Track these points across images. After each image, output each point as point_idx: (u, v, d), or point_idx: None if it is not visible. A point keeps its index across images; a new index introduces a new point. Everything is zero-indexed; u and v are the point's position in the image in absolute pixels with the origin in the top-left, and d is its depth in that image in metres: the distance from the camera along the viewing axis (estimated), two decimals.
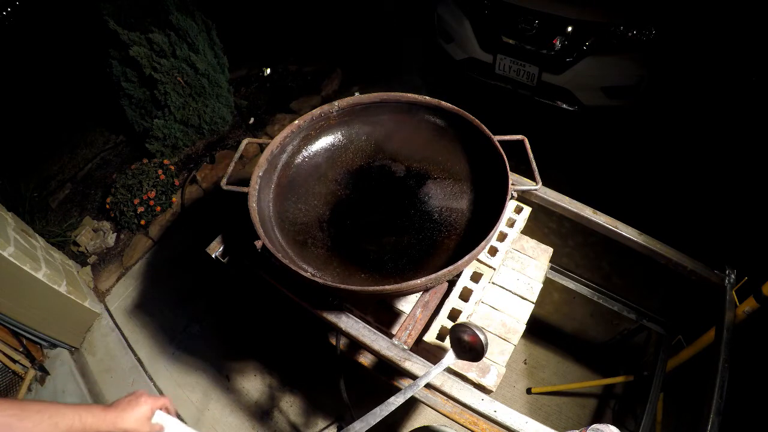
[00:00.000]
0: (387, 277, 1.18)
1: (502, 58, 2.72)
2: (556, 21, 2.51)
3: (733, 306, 1.28)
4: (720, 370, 1.14)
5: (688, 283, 1.40)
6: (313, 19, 3.92)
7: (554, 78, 2.63)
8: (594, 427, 0.89)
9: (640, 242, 1.38)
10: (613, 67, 2.53)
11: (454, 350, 1.02)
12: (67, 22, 3.55)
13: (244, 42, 3.57)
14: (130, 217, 2.64)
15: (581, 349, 2.13)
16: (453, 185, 1.36)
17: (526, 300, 1.27)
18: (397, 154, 1.46)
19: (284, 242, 1.24)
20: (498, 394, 1.97)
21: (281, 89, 3.46)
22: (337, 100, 1.41)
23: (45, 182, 3.06)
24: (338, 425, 1.92)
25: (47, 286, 2.02)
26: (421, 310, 1.20)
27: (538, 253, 1.39)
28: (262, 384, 2.07)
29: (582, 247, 2.44)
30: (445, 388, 1.04)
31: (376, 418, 0.86)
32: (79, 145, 3.32)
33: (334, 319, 1.16)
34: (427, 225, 1.28)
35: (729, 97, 2.74)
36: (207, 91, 2.84)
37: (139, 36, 2.52)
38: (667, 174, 2.73)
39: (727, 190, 2.59)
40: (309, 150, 1.44)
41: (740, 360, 1.20)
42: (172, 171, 2.81)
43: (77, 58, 3.45)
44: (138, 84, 2.74)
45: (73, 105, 3.52)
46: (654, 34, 2.45)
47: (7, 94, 3.42)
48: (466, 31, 2.82)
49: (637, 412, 1.85)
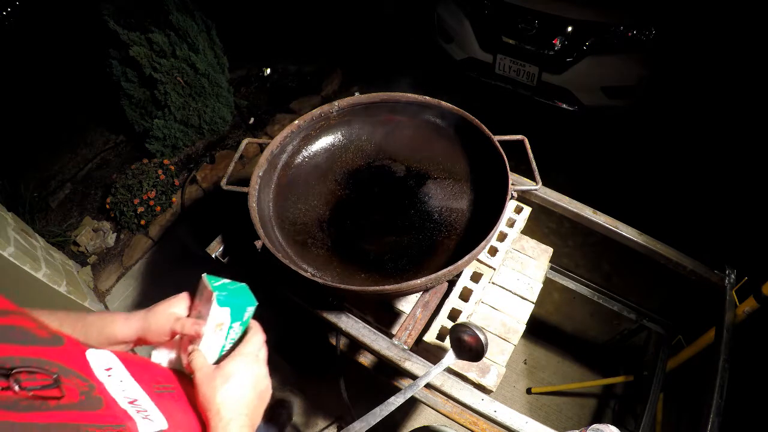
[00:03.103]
0: (387, 277, 1.18)
1: (502, 58, 2.72)
2: (556, 21, 2.51)
3: (733, 306, 1.28)
4: (720, 370, 1.14)
5: (688, 283, 1.40)
6: (314, 19, 3.92)
7: (554, 78, 2.63)
8: (594, 427, 0.89)
9: (640, 242, 1.38)
10: (613, 67, 2.53)
11: (454, 350, 1.02)
12: (67, 22, 3.55)
13: (244, 42, 3.56)
14: (130, 217, 2.64)
15: (581, 349, 2.13)
16: (453, 185, 1.36)
17: (526, 300, 1.27)
18: (397, 154, 1.46)
19: (284, 242, 1.24)
20: (498, 394, 1.97)
21: (281, 89, 3.46)
22: (337, 100, 1.41)
23: (45, 182, 3.06)
24: (338, 425, 1.92)
25: (47, 286, 2.02)
26: (421, 310, 1.20)
27: (538, 253, 1.39)
28: None
29: (582, 247, 2.44)
30: (445, 388, 1.04)
31: (376, 418, 0.86)
32: (79, 145, 3.32)
33: (334, 319, 1.16)
34: (427, 225, 1.28)
35: (729, 96, 2.74)
36: (207, 91, 2.84)
37: (139, 36, 2.51)
38: (667, 174, 2.73)
39: (727, 190, 2.59)
40: (309, 150, 1.44)
41: (740, 360, 1.20)
42: (172, 171, 2.81)
43: (77, 58, 3.45)
44: (138, 84, 2.74)
45: (73, 105, 3.51)
46: (654, 34, 2.45)
47: (8, 94, 3.42)
48: (466, 31, 2.82)
49: (637, 412, 1.85)
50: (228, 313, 0.64)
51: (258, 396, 0.62)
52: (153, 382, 0.59)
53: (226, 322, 0.65)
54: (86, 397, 0.46)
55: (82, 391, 0.46)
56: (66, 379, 0.45)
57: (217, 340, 0.65)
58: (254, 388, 0.62)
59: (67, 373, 0.46)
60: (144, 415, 0.51)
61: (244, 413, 0.59)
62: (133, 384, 0.55)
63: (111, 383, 0.52)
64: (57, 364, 0.46)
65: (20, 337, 0.45)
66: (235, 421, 0.57)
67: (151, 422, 0.51)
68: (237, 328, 0.67)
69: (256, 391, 0.62)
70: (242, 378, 0.61)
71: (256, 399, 0.62)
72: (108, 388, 0.51)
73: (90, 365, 0.52)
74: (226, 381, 0.60)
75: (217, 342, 0.66)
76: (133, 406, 0.51)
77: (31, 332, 0.47)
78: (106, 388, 0.51)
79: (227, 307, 0.64)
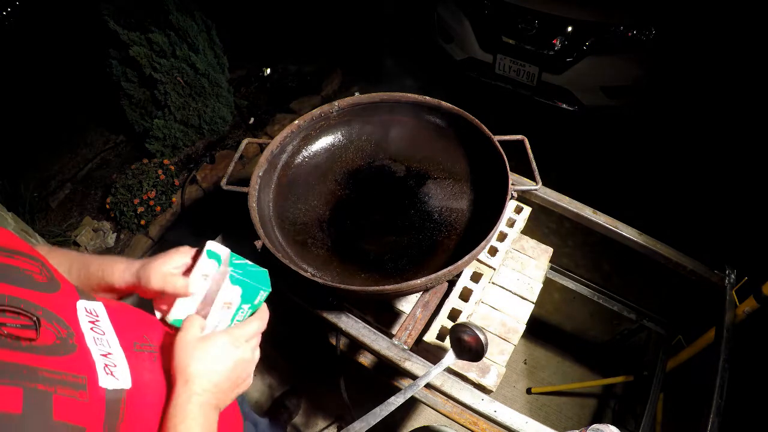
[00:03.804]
0: (387, 277, 1.18)
1: (502, 58, 2.72)
2: (556, 21, 2.51)
3: (733, 306, 1.27)
4: (720, 370, 1.14)
5: (688, 283, 1.40)
6: (314, 19, 3.91)
7: (554, 78, 2.63)
8: (594, 427, 0.89)
9: (640, 242, 1.38)
10: (613, 67, 2.53)
11: (454, 350, 1.02)
12: (67, 22, 3.55)
13: (244, 42, 3.56)
14: (130, 217, 2.64)
15: (581, 349, 2.13)
16: (453, 185, 1.36)
17: (526, 300, 1.27)
18: (397, 154, 1.46)
19: (284, 242, 1.24)
20: (498, 394, 1.97)
21: (281, 89, 3.46)
22: (337, 100, 1.41)
23: (45, 182, 3.06)
24: (338, 425, 1.92)
25: None
26: (421, 310, 1.20)
27: (538, 253, 1.39)
28: (262, 384, 2.07)
29: (582, 247, 2.44)
30: (445, 388, 1.04)
31: (376, 418, 0.86)
32: (79, 145, 3.32)
33: (334, 319, 1.16)
34: (427, 225, 1.28)
35: (729, 96, 2.74)
36: (207, 91, 2.84)
37: (139, 36, 2.51)
38: (667, 174, 2.73)
39: (727, 190, 2.59)
40: (309, 150, 1.44)
41: (740, 360, 1.20)
42: (172, 171, 2.81)
43: (77, 58, 3.44)
44: (138, 84, 2.74)
45: (73, 105, 3.51)
46: (654, 34, 2.45)
47: (8, 94, 3.41)
48: (466, 31, 2.82)
49: (637, 412, 1.85)
50: (239, 293, 0.62)
51: (232, 380, 0.61)
52: (136, 339, 0.60)
53: (236, 302, 0.63)
54: (61, 342, 0.47)
55: (59, 336, 0.47)
56: (47, 323, 0.46)
57: (223, 318, 0.64)
58: (231, 371, 0.60)
59: (50, 317, 0.47)
60: (111, 370, 0.51)
61: (211, 391, 0.58)
62: (114, 338, 0.56)
63: (91, 335, 0.52)
64: (43, 308, 0.47)
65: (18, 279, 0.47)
66: (199, 396, 0.56)
67: (114, 379, 0.50)
68: (246, 311, 0.65)
69: (233, 375, 0.61)
70: (223, 357, 0.60)
71: (229, 382, 0.60)
72: (86, 338, 0.51)
73: (77, 314, 0.53)
74: (206, 354, 0.59)
75: (223, 320, 0.64)
76: (105, 359, 0.51)
77: (30, 275, 0.49)
78: (85, 338, 0.51)
79: (239, 286, 0.62)
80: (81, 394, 0.44)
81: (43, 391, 0.41)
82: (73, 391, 0.44)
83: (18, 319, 0.43)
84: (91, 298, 0.59)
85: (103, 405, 0.47)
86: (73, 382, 0.44)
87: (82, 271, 0.68)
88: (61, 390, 0.42)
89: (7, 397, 0.38)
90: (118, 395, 0.50)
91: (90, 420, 0.45)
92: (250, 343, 0.65)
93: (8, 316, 0.43)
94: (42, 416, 0.39)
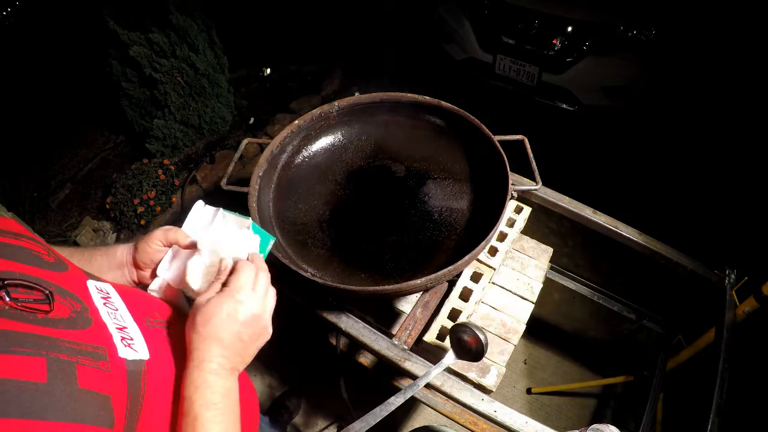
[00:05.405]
0: (387, 277, 1.18)
1: (502, 58, 2.72)
2: (556, 21, 2.51)
3: (733, 306, 1.28)
4: (720, 370, 1.14)
5: (688, 283, 1.40)
6: (313, 19, 3.91)
7: (554, 78, 2.63)
8: (594, 427, 0.89)
9: (640, 242, 1.38)
10: (613, 67, 2.53)
11: (454, 350, 1.02)
12: (67, 21, 3.55)
13: (244, 42, 3.56)
14: (130, 217, 2.64)
15: (581, 349, 2.13)
16: (453, 185, 1.36)
17: (526, 300, 1.27)
18: (397, 154, 1.46)
19: (284, 242, 1.24)
20: (498, 394, 1.96)
21: (281, 89, 3.46)
22: (337, 100, 1.41)
23: (45, 182, 3.06)
24: (338, 425, 1.92)
25: None
26: (421, 310, 1.20)
27: (538, 253, 1.39)
28: (262, 384, 2.07)
29: (582, 247, 2.43)
30: (445, 388, 1.04)
31: (376, 418, 0.86)
32: (79, 145, 3.32)
33: (334, 319, 1.16)
34: (427, 225, 1.28)
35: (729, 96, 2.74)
36: (207, 91, 2.84)
37: (139, 36, 2.52)
38: (667, 174, 2.73)
39: (727, 191, 2.59)
40: (309, 150, 1.44)
41: (740, 360, 1.20)
42: (172, 171, 2.80)
43: (77, 58, 3.44)
44: (138, 84, 2.74)
45: (73, 105, 3.51)
46: (654, 34, 2.45)
47: (7, 95, 3.41)
48: (466, 31, 2.81)
49: (637, 412, 1.85)
50: (258, 243, 0.62)
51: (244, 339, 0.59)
52: (147, 315, 0.60)
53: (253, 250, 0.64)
54: (77, 315, 0.47)
55: (74, 309, 0.47)
56: (61, 298, 0.47)
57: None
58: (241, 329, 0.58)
59: (64, 293, 0.48)
60: (128, 342, 0.51)
61: (222, 355, 0.57)
62: (127, 314, 0.56)
63: (105, 309, 0.53)
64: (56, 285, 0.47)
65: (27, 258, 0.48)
66: (210, 362, 0.56)
67: (134, 351, 0.51)
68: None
69: (244, 333, 0.59)
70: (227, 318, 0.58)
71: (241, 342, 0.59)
72: (101, 313, 0.52)
73: (89, 291, 0.54)
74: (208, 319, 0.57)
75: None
76: (121, 333, 0.51)
77: (38, 256, 0.50)
78: (99, 312, 0.52)
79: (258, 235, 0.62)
80: (103, 364, 0.45)
81: (67, 361, 0.41)
82: (95, 361, 0.44)
83: (31, 294, 0.43)
84: (99, 279, 0.60)
85: (124, 375, 0.48)
86: (94, 353, 0.45)
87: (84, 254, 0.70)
88: (83, 360, 0.42)
89: (31, 367, 0.38)
90: (138, 366, 0.50)
91: (114, 389, 0.45)
92: (257, 292, 0.61)
93: (21, 292, 0.43)
94: (67, 384, 0.39)
